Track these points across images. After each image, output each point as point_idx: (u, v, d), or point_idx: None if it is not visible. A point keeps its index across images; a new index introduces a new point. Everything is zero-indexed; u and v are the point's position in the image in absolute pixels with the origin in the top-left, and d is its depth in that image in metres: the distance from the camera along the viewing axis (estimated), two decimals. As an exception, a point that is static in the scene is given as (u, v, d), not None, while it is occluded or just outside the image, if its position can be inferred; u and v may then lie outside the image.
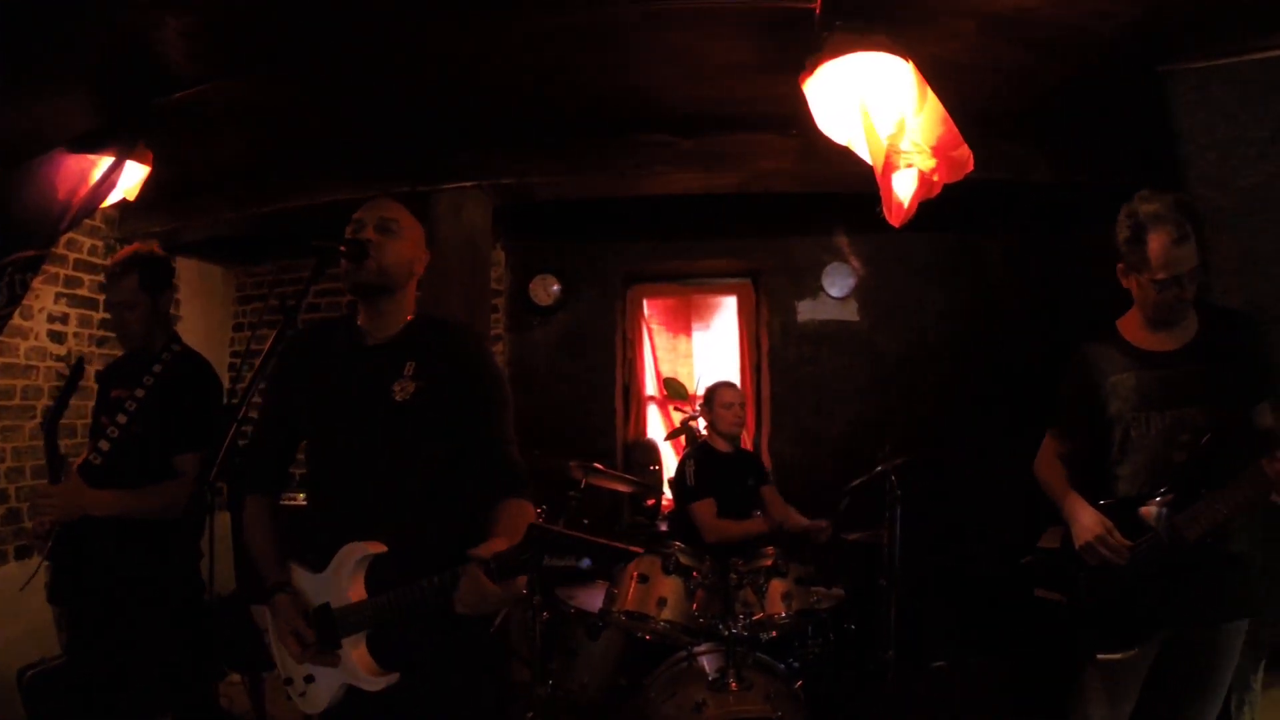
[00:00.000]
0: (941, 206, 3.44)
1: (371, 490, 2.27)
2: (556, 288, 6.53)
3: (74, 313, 5.23)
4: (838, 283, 6.30)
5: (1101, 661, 2.77)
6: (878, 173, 3.26)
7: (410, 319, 2.47)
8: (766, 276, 6.50)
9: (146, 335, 3.25)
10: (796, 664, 4.14)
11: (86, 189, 3.92)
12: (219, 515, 2.35)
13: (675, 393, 6.79)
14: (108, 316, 4.58)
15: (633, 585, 3.92)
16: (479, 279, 5.10)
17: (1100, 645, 2.76)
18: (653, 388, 6.91)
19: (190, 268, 6.39)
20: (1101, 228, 2.89)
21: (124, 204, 4.38)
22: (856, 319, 6.32)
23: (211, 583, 2.69)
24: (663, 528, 5.85)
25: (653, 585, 3.90)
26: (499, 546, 1.94)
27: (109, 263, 3.50)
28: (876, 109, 3.19)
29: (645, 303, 6.90)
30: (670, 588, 3.89)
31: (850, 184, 3.84)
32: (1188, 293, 2.65)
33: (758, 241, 6.42)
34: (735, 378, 6.50)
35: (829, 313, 6.34)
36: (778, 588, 3.91)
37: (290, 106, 4.23)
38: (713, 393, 5.06)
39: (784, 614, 3.85)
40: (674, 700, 3.62)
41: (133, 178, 4.06)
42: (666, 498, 6.04)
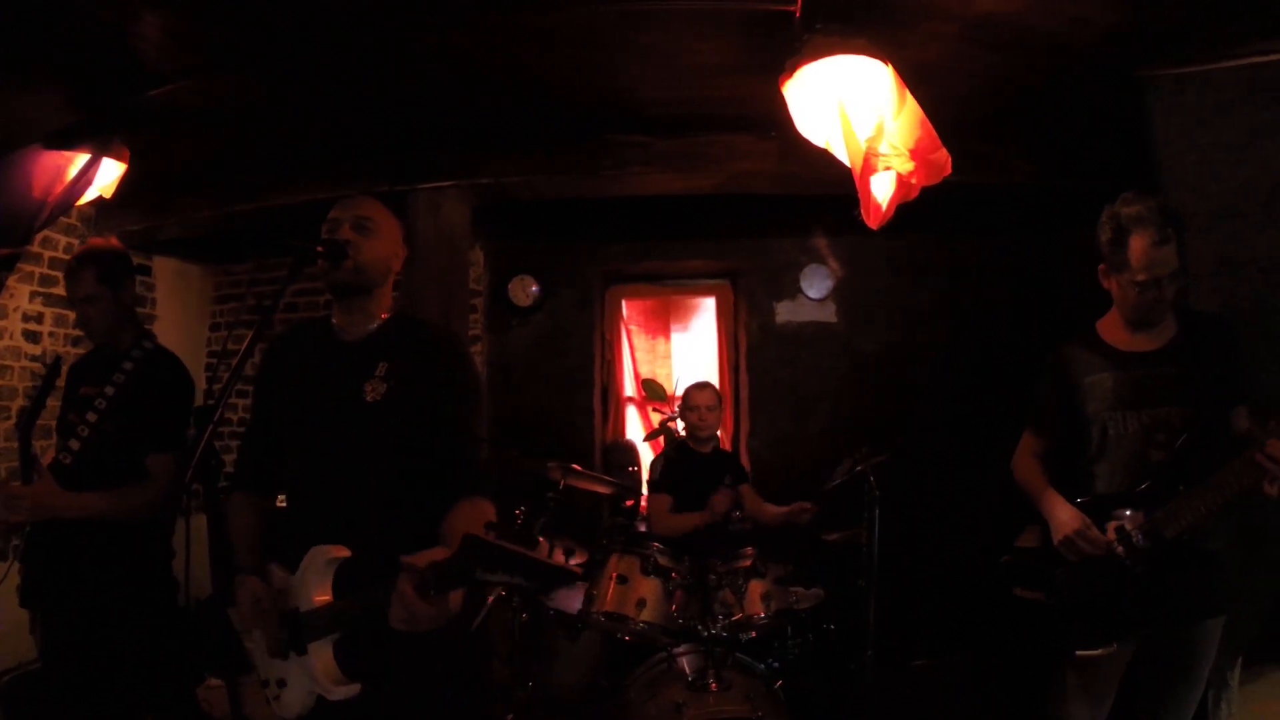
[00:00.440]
0: (919, 208, 3.45)
1: (340, 491, 2.26)
2: (535, 288, 6.52)
3: (49, 312, 5.17)
4: (816, 284, 6.31)
5: (1080, 659, 2.79)
6: (856, 175, 3.26)
7: (386, 318, 2.46)
8: (745, 278, 6.51)
9: (112, 330, 3.20)
10: (776, 664, 4.15)
11: (62, 186, 3.89)
12: (195, 517, 2.32)
13: (654, 394, 6.79)
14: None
15: (612, 586, 3.92)
16: (457, 279, 5.08)
17: (1079, 642, 2.78)
18: (631, 389, 6.91)
19: (167, 267, 6.34)
20: (1079, 230, 2.91)
21: (100, 202, 4.33)
22: (835, 320, 6.34)
23: (188, 586, 2.66)
24: (641, 528, 5.84)
25: (632, 586, 3.90)
26: (436, 556, 1.82)
27: (67, 258, 3.45)
28: (855, 111, 3.20)
29: (624, 303, 6.90)
30: (649, 589, 3.89)
31: (829, 186, 3.84)
32: (1167, 294, 2.67)
33: (736, 243, 6.43)
34: (714, 379, 6.51)
35: (807, 314, 6.37)
36: (756, 588, 3.91)
37: (268, 105, 4.20)
38: (685, 395, 5.04)
39: (763, 614, 3.85)
40: (654, 701, 3.62)
41: (109, 175, 4.01)
42: (645, 499, 6.03)
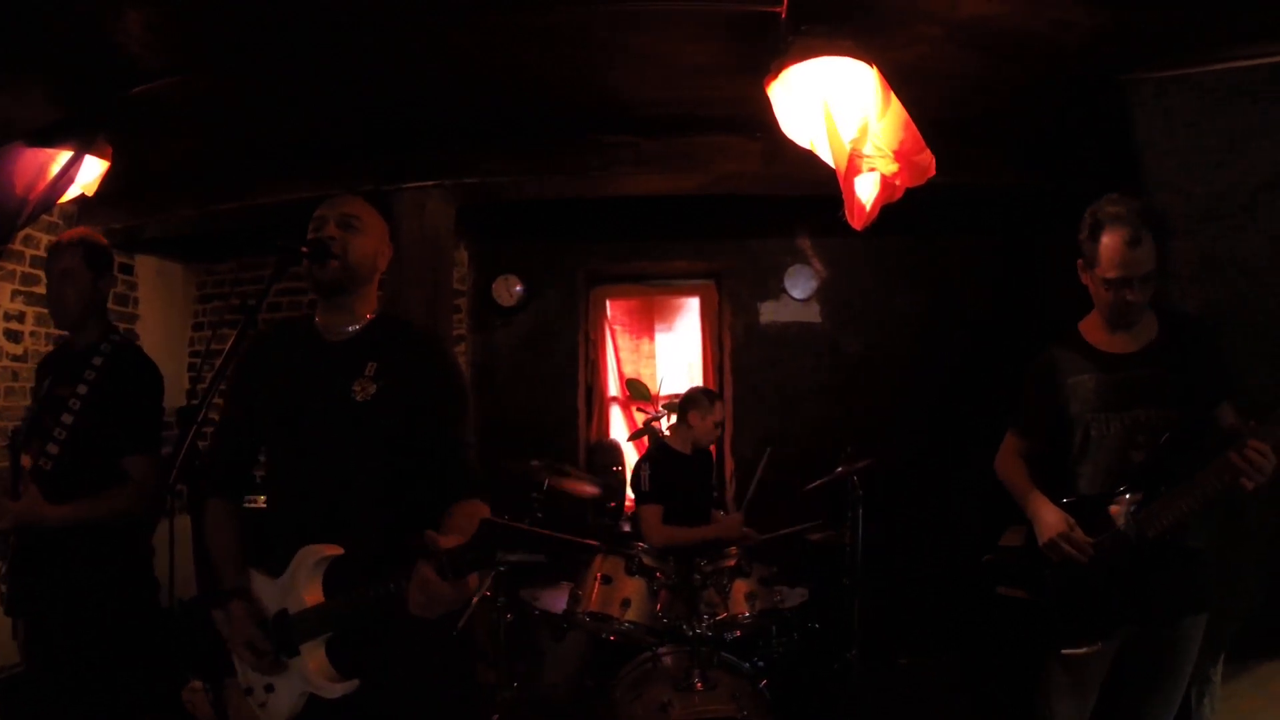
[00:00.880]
0: (904, 210, 3.47)
1: (330, 492, 2.24)
2: (519, 288, 6.51)
3: (31, 311, 5.12)
4: (800, 284, 6.33)
5: (1064, 656, 2.81)
6: (840, 176, 3.27)
7: (371, 317, 2.44)
8: (729, 278, 6.53)
9: (82, 315, 3.16)
10: (761, 663, 4.16)
11: (44, 184, 3.86)
12: (179, 518, 2.30)
13: (638, 394, 6.79)
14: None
15: (596, 586, 3.92)
16: (441, 279, 5.07)
17: (1063, 640, 2.80)
18: (616, 389, 6.92)
19: (150, 265, 6.29)
20: (1062, 232, 2.93)
21: (82, 200, 4.31)
22: (819, 320, 6.37)
23: (172, 589, 2.64)
24: (626, 529, 5.86)
25: (616, 586, 3.90)
26: (451, 542, 1.88)
27: (55, 238, 3.43)
28: (840, 112, 3.21)
29: (608, 303, 6.91)
30: (634, 589, 3.89)
31: (814, 187, 3.85)
32: (1136, 296, 2.68)
33: (721, 243, 6.45)
34: (698, 379, 6.54)
35: (791, 314, 6.39)
36: (741, 588, 3.92)
37: (252, 103, 4.18)
38: (696, 401, 4.99)
39: (748, 614, 3.86)
40: (639, 701, 3.62)
41: (92, 173, 3.98)
42: (629, 499, 6.04)
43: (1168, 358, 2.73)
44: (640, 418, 6.73)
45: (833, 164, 3.26)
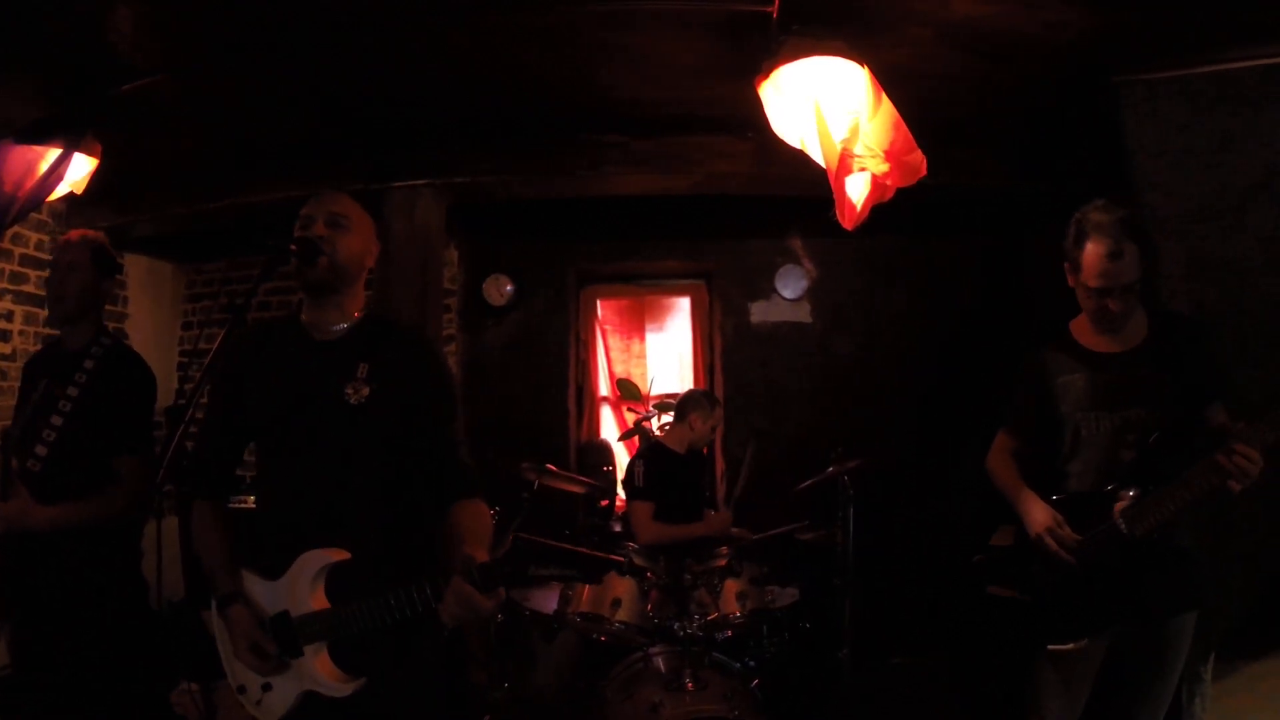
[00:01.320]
0: (894, 210, 3.47)
1: (327, 494, 2.23)
2: (510, 288, 6.50)
3: (19, 310, 5.10)
4: (791, 284, 6.34)
5: (1054, 653, 2.81)
6: (831, 176, 3.28)
7: (359, 317, 2.43)
8: (720, 278, 6.53)
9: (79, 312, 3.14)
10: (753, 663, 4.15)
11: (33, 181, 3.84)
12: (166, 520, 2.29)
13: (628, 394, 6.79)
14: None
15: (587, 587, 3.91)
16: (431, 278, 5.06)
17: (1051, 636, 2.81)
18: (606, 389, 6.91)
19: (139, 264, 6.28)
20: (1053, 233, 2.93)
21: (71, 198, 4.29)
22: (809, 320, 6.37)
23: (160, 590, 2.64)
24: (617, 529, 5.85)
25: (607, 586, 3.90)
26: (481, 558, 1.94)
27: (38, 255, 3.43)
28: (831, 112, 3.21)
29: (599, 303, 6.91)
30: (624, 589, 3.89)
31: (804, 187, 3.85)
32: (1118, 306, 2.69)
33: (712, 243, 6.45)
34: (689, 379, 6.54)
35: (782, 314, 6.39)
36: (732, 587, 3.92)
37: (241, 101, 4.18)
38: (698, 404, 4.97)
39: (739, 614, 3.86)
40: (631, 701, 3.62)
41: (81, 171, 3.97)
42: (620, 499, 6.03)
43: (1158, 358, 2.73)
44: (631, 418, 6.73)
45: (823, 164, 3.26)
